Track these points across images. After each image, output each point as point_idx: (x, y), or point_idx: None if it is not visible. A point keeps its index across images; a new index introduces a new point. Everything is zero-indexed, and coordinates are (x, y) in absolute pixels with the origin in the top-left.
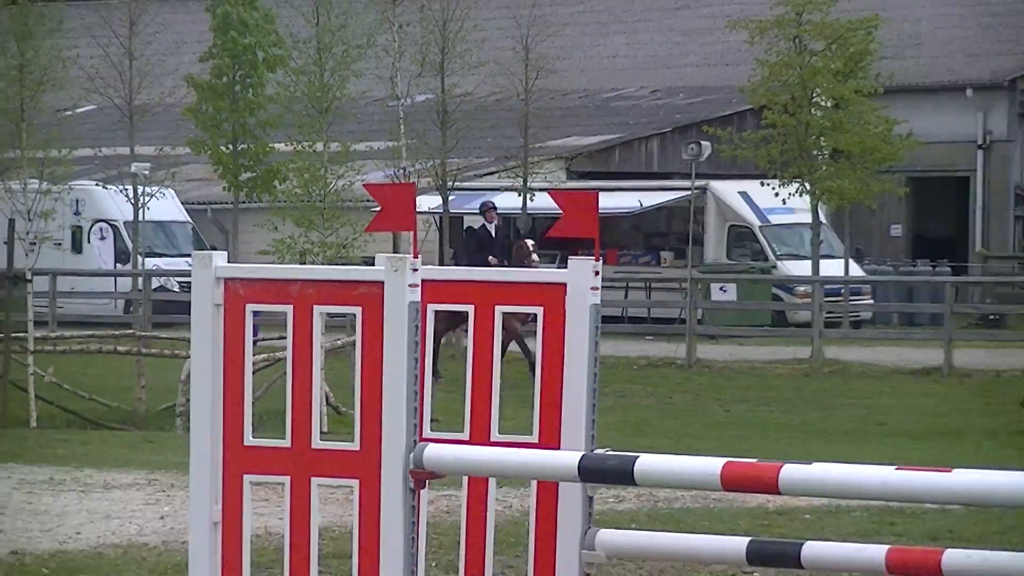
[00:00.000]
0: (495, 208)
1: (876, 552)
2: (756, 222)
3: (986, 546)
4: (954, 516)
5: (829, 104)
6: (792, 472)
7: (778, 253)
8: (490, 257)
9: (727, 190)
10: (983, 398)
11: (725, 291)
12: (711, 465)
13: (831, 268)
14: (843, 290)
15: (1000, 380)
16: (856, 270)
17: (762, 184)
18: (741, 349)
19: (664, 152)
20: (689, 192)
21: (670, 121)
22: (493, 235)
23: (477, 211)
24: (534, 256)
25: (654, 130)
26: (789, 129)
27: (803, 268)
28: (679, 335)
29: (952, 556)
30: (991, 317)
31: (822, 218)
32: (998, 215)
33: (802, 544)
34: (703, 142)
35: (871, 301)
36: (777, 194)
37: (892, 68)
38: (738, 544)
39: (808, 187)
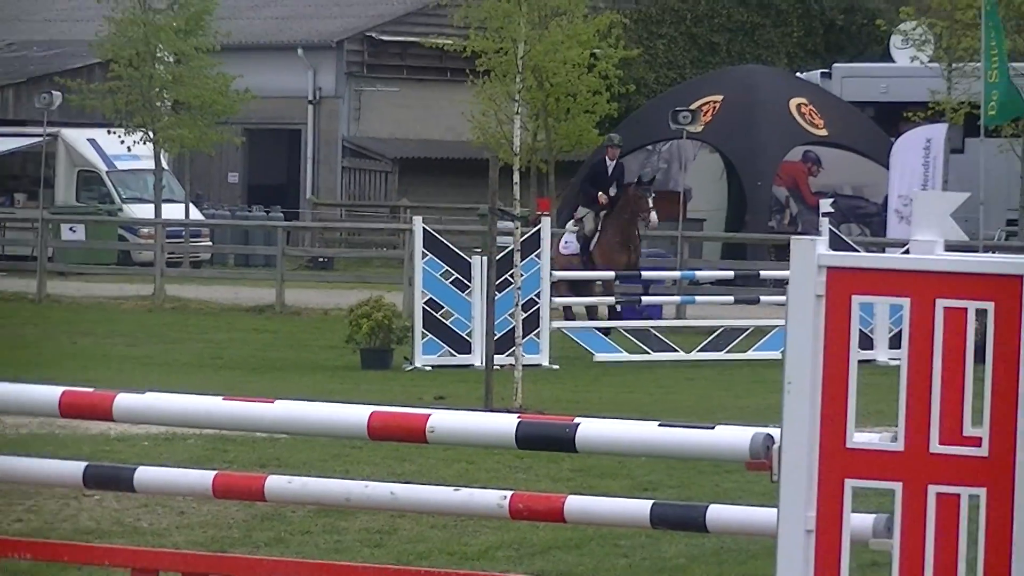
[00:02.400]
0: (618, 145)
1: (203, 476)
2: (103, 167)
3: (309, 473)
4: (282, 444)
5: (171, 59)
6: (125, 400)
7: (124, 196)
8: (600, 193)
9: (77, 137)
10: (312, 334)
11: (75, 231)
12: (50, 393)
13: (173, 211)
14: (184, 232)
15: (328, 318)
16: (196, 214)
17: (109, 132)
18: (89, 286)
19: (19, 101)
20: (42, 138)
21: (24, 72)
22: (609, 172)
23: None
24: (652, 216)
25: (9, 80)
26: (134, 82)
27: (147, 211)
28: (31, 271)
29: (274, 481)
30: (320, 260)
31: (164, 165)
32: (327, 165)
33: (135, 469)
34: (54, 92)
35: (210, 243)
36: (123, 141)
37: (230, 27)
38: (76, 468)
39: (151, 135)
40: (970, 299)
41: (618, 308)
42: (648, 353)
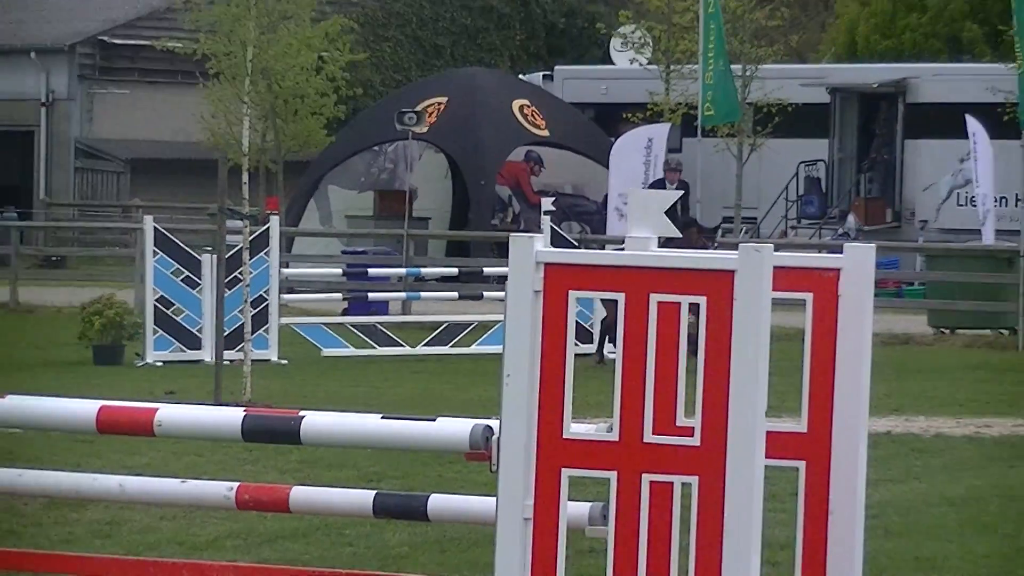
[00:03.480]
0: (675, 168)
1: None
2: None
3: (40, 466)
4: (14, 438)
5: None
6: None
7: None
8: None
9: None
10: (46, 332)
11: None
12: None
13: None
14: None
15: (61, 316)
16: None
17: None
18: None
19: None
20: None
21: None
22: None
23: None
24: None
25: None
26: None
27: None
28: None
29: (5, 475)
30: (53, 259)
31: None
32: (60, 166)
33: None
34: None
35: None
36: None
37: None
38: None
39: None
40: (683, 294)
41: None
42: (375, 348)
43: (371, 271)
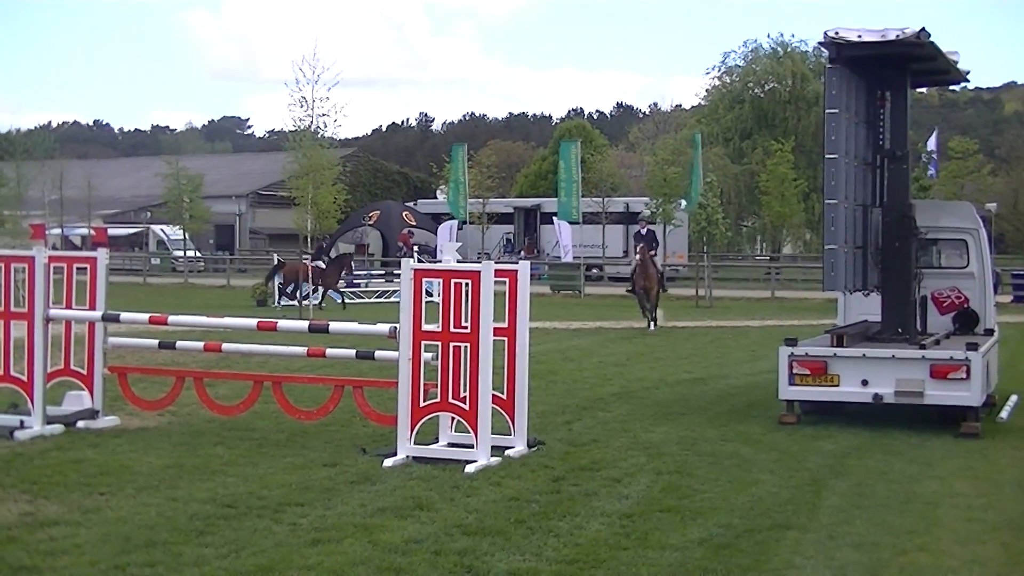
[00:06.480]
0: (642, 219)
1: None
2: None
3: None
4: None
5: None
6: None
7: None
8: (640, 246)
9: None
10: None
11: None
12: None
13: None
14: None
15: None
16: None
17: None
18: None
19: None
20: None
21: None
22: (643, 234)
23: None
24: (637, 257)
25: None
26: None
27: None
28: None
29: None
30: None
31: None
32: None
33: None
34: None
35: None
36: None
37: None
38: None
39: None
40: (463, 279)
41: None
42: None
43: None
